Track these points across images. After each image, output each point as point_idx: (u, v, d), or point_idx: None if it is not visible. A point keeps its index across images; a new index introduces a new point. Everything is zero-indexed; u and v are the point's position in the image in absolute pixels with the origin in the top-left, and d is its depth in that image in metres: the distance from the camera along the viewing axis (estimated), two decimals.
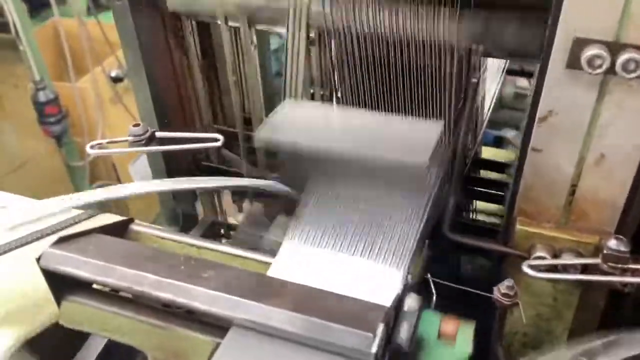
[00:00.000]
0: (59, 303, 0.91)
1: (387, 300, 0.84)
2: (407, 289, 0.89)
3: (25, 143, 3.73)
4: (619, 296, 1.09)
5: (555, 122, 0.97)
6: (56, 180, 3.78)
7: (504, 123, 2.96)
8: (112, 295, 0.90)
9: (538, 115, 0.97)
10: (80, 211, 1.50)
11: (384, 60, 1.08)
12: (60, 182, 3.79)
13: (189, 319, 0.86)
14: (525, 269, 0.95)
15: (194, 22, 1.30)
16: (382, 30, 1.05)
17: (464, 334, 0.92)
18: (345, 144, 0.93)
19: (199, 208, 1.54)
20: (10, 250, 1.06)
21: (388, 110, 1.13)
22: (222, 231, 1.56)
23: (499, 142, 2.89)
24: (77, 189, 3.79)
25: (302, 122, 1.01)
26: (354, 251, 0.95)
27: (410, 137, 0.95)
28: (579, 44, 0.87)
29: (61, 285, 0.89)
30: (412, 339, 0.80)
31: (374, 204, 1.00)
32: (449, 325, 0.94)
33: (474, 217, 1.42)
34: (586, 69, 0.88)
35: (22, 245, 1.27)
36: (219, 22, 1.25)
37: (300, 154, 0.93)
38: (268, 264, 0.95)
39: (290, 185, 1.12)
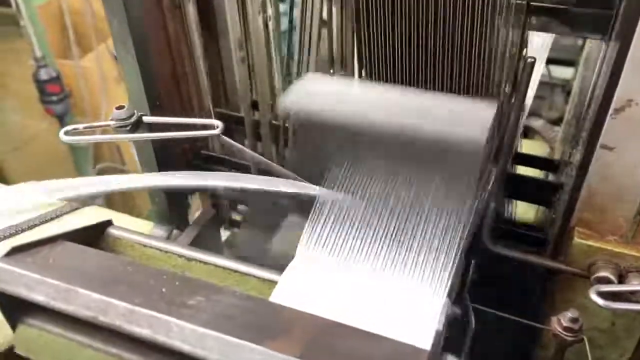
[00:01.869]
0: (13, 326, 0.73)
1: (424, 336, 0.66)
2: (448, 322, 0.71)
3: (28, 122, 3.61)
4: None
5: (635, 114, 0.78)
6: (59, 161, 3.66)
7: (529, 112, 2.76)
8: (79, 320, 0.72)
9: (614, 105, 0.78)
10: (62, 203, 1.33)
11: (422, 32, 0.89)
12: (63, 163, 3.67)
13: (174, 354, 0.68)
14: (595, 297, 0.77)
15: None
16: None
17: None
18: (382, 115, 0.76)
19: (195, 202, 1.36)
20: None
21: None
22: (223, 227, 1.39)
23: (525, 132, 2.69)
24: (80, 170, 3.66)
25: (332, 92, 0.83)
26: (383, 266, 0.76)
27: (460, 112, 0.78)
28: None
29: (15, 305, 0.71)
30: None
31: (408, 200, 0.82)
32: None
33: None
34: None
35: None
36: None
37: (328, 128, 0.78)
38: (273, 283, 0.77)
39: (308, 172, 0.91)
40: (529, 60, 0.86)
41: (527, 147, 1.78)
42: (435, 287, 0.73)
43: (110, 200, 3.55)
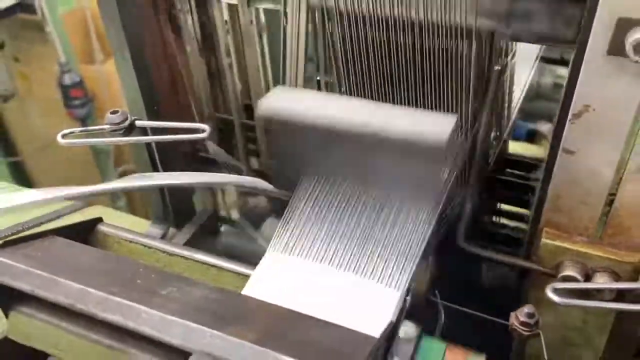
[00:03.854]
0: (6, 313, 0.80)
1: (378, 325, 0.70)
2: (403, 314, 0.75)
3: (53, 124, 3.71)
4: None
5: (593, 119, 0.81)
6: (81, 163, 3.76)
7: (540, 115, 2.74)
8: (66, 309, 0.78)
9: (572, 110, 0.82)
10: (67, 202, 1.40)
11: (392, 44, 0.93)
12: (86, 165, 3.77)
13: (147, 340, 0.73)
14: (550, 294, 0.80)
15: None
16: (389, 10, 0.90)
17: None
18: (351, 119, 0.80)
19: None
20: None
21: (397, 102, 0.99)
22: (222, 227, 1.44)
23: (532, 136, 2.68)
24: (102, 171, 3.76)
25: (302, 101, 0.86)
26: (346, 265, 0.81)
27: (423, 120, 0.81)
28: (624, 25, 0.72)
29: (7, 294, 0.77)
30: None
31: (374, 204, 0.87)
32: (456, 356, 0.80)
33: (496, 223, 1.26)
34: (631, 57, 0.72)
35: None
36: None
37: (300, 132, 0.82)
38: (247, 277, 0.82)
39: (282, 178, 0.95)
40: (496, 68, 0.90)
41: (531, 151, 1.80)
42: (394, 282, 0.77)
43: (132, 204, 3.65)
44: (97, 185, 1.00)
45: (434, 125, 0.76)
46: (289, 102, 0.84)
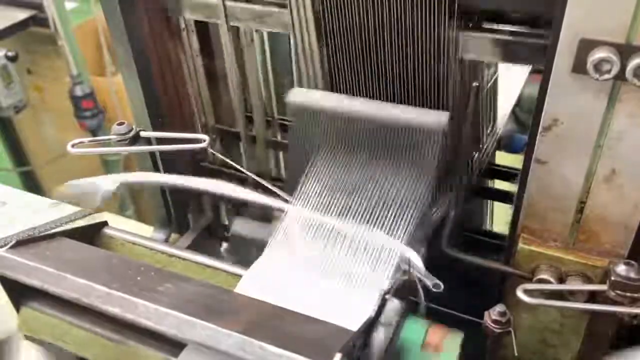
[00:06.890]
0: (17, 309, 0.87)
1: (357, 321, 0.77)
2: (382, 310, 0.81)
3: (64, 135, 3.79)
4: (632, 325, 0.98)
5: (561, 132, 0.87)
6: (91, 173, 3.80)
7: None
8: (72, 304, 0.85)
9: (542, 124, 0.88)
10: (77, 209, 1.48)
11: (380, 65, 1.01)
12: (95, 175, 3.81)
13: (146, 333, 0.80)
14: (520, 294, 0.86)
15: (191, 20, 1.24)
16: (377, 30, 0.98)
17: (451, 345, 0.85)
18: (363, 107, 1.01)
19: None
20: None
21: None
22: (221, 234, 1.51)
23: None
24: None
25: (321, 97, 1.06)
26: (333, 261, 0.88)
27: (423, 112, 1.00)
28: (586, 46, 0.78)
29: (18, 290, 0.84)
30: (390, 349, 0.74)
31: (367, 200, 0.99)
32: (436, 334, 0.86)
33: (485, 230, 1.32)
34: (593, 74, 0.78)
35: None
36: (218, 21, 1.19)
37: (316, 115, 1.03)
38: (239, 277, 0.89)
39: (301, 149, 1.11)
40: (474, 84, 0.96)
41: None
42: (375, 281, 0.84)
43: (139, 214, 3.72)
44: None
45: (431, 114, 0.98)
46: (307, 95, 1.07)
